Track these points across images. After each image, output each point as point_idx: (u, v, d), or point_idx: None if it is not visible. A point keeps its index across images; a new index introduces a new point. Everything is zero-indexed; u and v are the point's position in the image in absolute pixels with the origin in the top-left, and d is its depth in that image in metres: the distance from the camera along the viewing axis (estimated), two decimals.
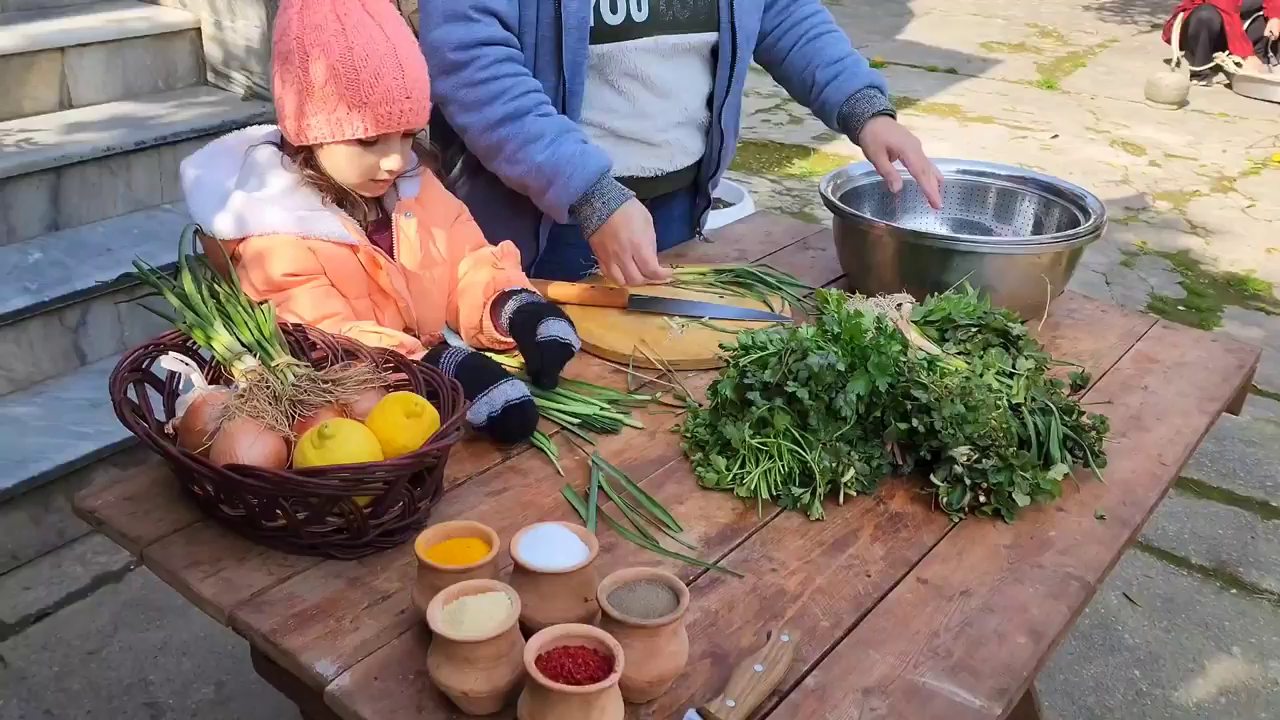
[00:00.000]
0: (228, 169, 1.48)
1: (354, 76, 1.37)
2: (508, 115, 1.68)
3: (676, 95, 1.87)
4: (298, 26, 1.39)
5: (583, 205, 1.70)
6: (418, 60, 1.44)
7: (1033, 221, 1.92)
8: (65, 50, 3.26)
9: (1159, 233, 4.98)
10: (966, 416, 1.30)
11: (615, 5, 1.74)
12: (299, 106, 1.41)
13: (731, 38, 1.87)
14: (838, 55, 1.97)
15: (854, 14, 9.22)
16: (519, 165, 1.70)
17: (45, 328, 2.75)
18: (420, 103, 1.44)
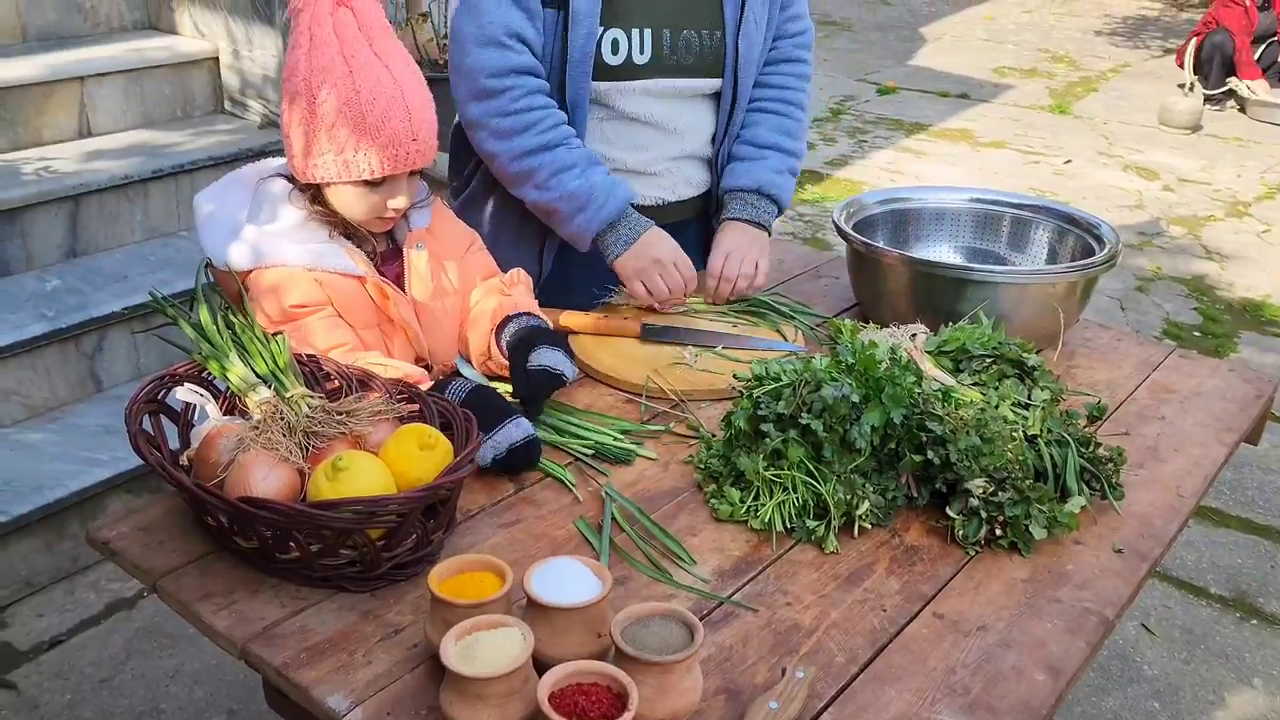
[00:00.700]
0: (240, 202, 1.49)
1: (361, 119, 1.38)
2: (541, 145, 1.72)
3: (678, 133, 1.88)
4: (305, 68, 1.40)
5: (608, 232, 1.77)
6: (425, 101, 1.45)
7: (1047, 250, 1.92)
8: (84, 80, 3.30)
9: (1173, 258, 4.96)
10: (982, 449, 1.29)
11: (617, 45, 1.75)
12: (306, 146, 1.42)
13: (734, 85, 1.87)
14: (759, 138, 1.92)
15: (865, 40, 9.26)
16: (550, 192, 1.74)
17: (62, 354, 2.76)
18: (427, 143, 1.45)
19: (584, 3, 1.69)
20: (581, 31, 1.70)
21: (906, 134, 6.68)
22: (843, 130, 6.72)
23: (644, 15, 1.76)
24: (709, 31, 1.81)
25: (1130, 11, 10.95)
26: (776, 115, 1.95)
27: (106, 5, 3.65)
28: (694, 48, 1.80)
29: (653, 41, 1.77)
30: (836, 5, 10.74)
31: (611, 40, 1.74)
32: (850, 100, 7.41)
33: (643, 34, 1.76)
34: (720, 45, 1.83)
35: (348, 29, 1.39)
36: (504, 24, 1.68)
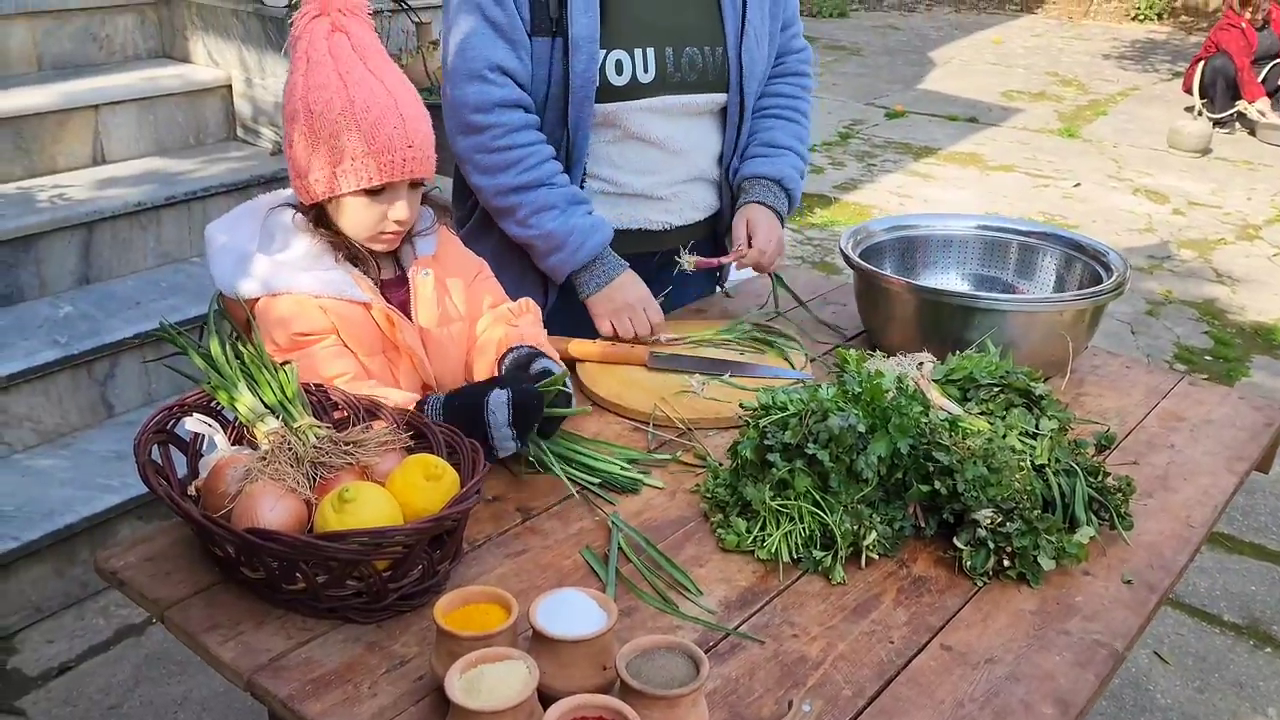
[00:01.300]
0: (250, 232, 1.51)
1: (355, 127, 1.42)
2: (523, 184, 1.75)
3: (685, 154, 1.89)
4: (302, 87, 1.44)
5: (582, 271, 1.81)
6: (420, 112, 1.48)
7: (1055, 277, 1.92)
8: (99, 108, 3.34)
9: (1184, 281, 4.95)
10: (989, 479, 1.29)
11: (620, 66, 1.77)
12: (307, 163, 1.45)
13: (740, 100, 1.89)
14: (775, 140, 1.97)
15: (874, 64, 9.31)
16: (529, 229, 1.78)
17: (74, 380, 2.78)
18: (423, 151, 1.47)
19: (583, 29, 1.71)
20: (583, 56, 1.72)
21: (915, 158, 6.70)
22: (851, 154, 6.74)
23: (645, 35, 1.78)
24: (711, 47, 1.83)
25: (1138, 35, 10.98)
26: (790, 122, 2.00)
27: (121, 34, 3.70)
28: (697, 64, 1.82)
29: (656, 60, 1.79)
30: (845, 30, 10.80)
31: (615, 61, 1.76)
32: (859, 124, 7.44)
33: (645, 53, 1.78)
34: (723, 60, 1.85)
35: (342, 50, 1.44)
36: (486, 58, 1.71)
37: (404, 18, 3.66)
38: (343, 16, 1.45)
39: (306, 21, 1.46)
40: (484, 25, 1.71)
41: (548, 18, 1.71)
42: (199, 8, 3.60)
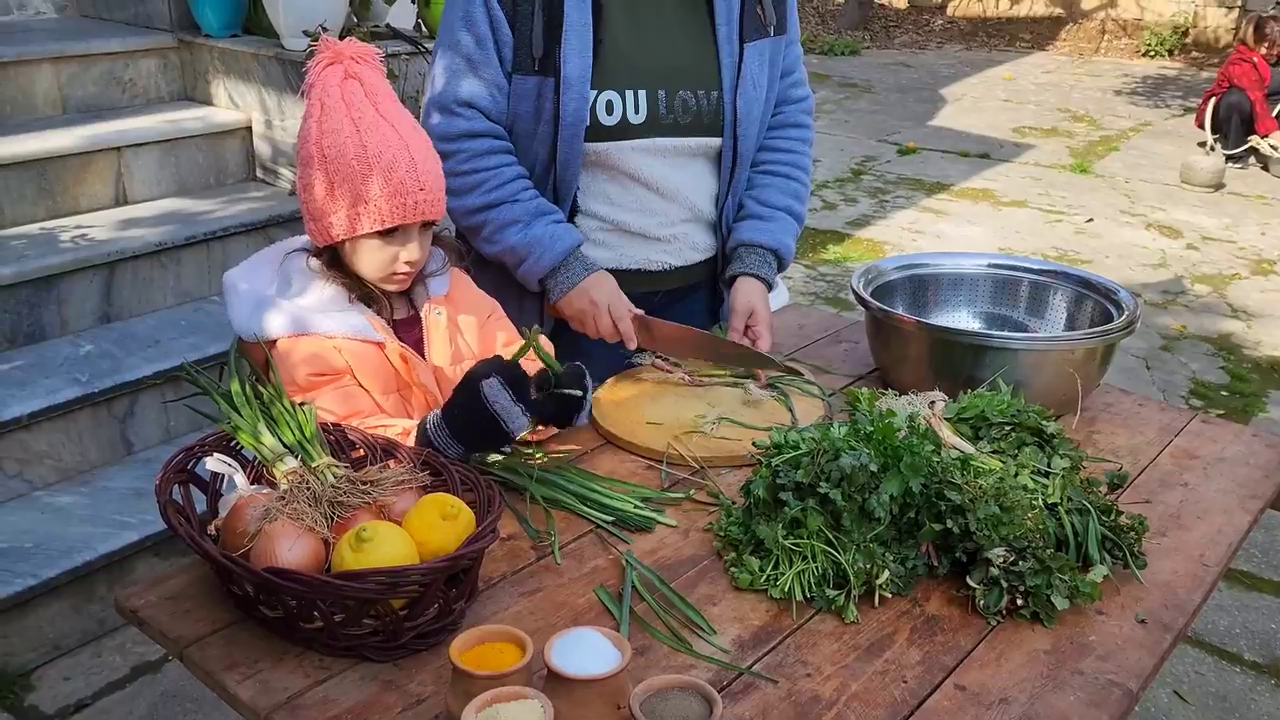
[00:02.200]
0: (267, 277, 1.55)
1: (369, 171, 1.46)
2: (486, 204, 1.81)
3: (680, 195, 1.90)
4: (316, 132, 1.49)
5: (549, 278, 1.84)
6: (430, 156, 1.53)
7: (1065, 316, 1.92)
8: (122, 150, 3.40)
9: (1199, 316, 4.94)
10: (1001, 518, 1.29)
11: (611, 107, 1.79)
12: (321, 206, 1.49)
13: (734, 145, 1.90)
14: (769, 199, 1.98)
15: (885, 102, 9.37)
16: (495, 245, 1.84)
17: (94, 418, 2.81)
18: (434, 194, 1.52)
19: (575, 70, 1.74)
20: (573, 96, 1.75)
21: (928, 194, 6.73)
22: (864, 190, 6.78)
23: (638, 77, 1.80)
24: (705, 92, 1.85)
25: (1150, 71, 11.03)
26: (785, 179, 2.01)
27: (145, 78, 3.77)
28: (691, 108, 1.84)
29: (648, 102, 1.81)
30: (857, 68, 10.89)
31: (606, 102, 1.79)
32: (871, 160, 7.48)
33: (637, 95, 1.80)
34: (718, 105, 1.86)
35: (355, 97, 1.49)
36: (455, 93, 1.78)
37: (420, 60, 3.72)
38: (355, 64, 1.50)
39: (320, 69, 1.51)
40: (460, 61, 1.78)
41: (530, 57, 1.75)
42: (221, 52, 3.68)
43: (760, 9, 1.87)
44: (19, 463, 2.69)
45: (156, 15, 3.83)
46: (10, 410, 2.63)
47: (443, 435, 1.46)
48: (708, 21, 1.86)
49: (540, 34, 1.73)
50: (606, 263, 1.88)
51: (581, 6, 1.73)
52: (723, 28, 1.85)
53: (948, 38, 12.78)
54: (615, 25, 1.77)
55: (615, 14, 1.78)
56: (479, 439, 1.48)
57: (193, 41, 3.74)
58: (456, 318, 1.64)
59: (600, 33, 1.75)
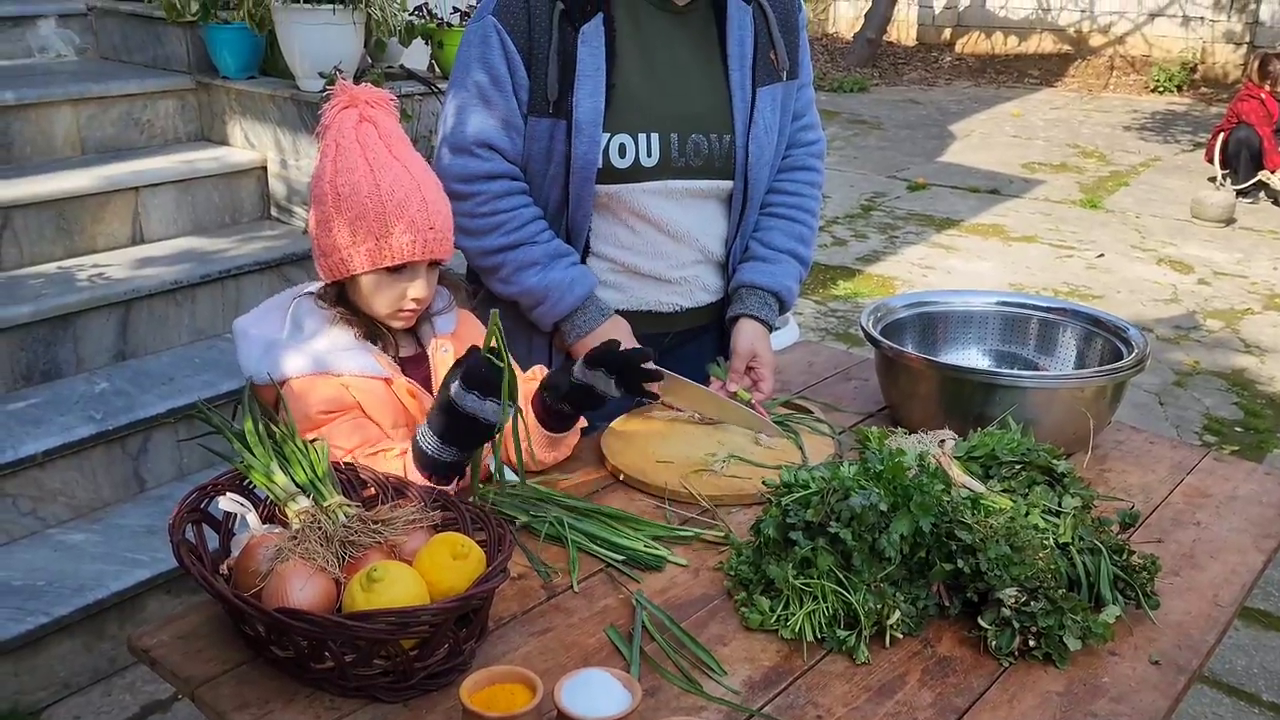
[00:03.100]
0: (277, 322, 1.58)
1: (381, 209, 1.50)
2: (504, 245, 1.82)
3: (690, 237, 1.91)
4: (331, 171, 1.53)
5: (565, 321, 1.85)
6: (440, 196, 1.57)
7: (1075, 353, 1.93)
8: (139, 190, 3.44)
9: (1211, 352, 4.92)
10: (1012, 558, 1.29)
11: (624, 150, 1.80)
12: (333, 242, 1.53)
13: (745, 187, 1.91)
14: (774, 242, 1.99)
15: (895, 138, 9.43)
16: (512, 286, 1.85)
17: (108, 455, 2.83)
18: (443, 233, 1.56)
19: (586, 114, 1.76)
20: (584, 139, 1.77)
21: (938, 229, 6.75)
22: (874, 226, 6.80)
23: (650, 121, 1.82)
24: (718, 135, 1.86)
25: (1158, 107, 11.08)
26: (791, 221, 2.01)
27: (162, 119, 3.83)
28: (703, 151, 1.85)
29: (660, 145, 1.82)
30: (866, 105, 10.97)
31: (619, 145, 1.80)
32: (881, 196, 7.52)
33: (649, 138, 1.81)
34: (730, 149, 1.87)
35: (370, 139, 1.53)
36: (474, 135, 1.79)
37: (434, 100, 3.77)
38: (370, 108, 1.55)
39: (336, 112, 1.55)
40: (477, 102, 1.79)
41: (545, 100, 1.77)
42: (237, 93, 3.73)
43: (773, 54, 1.89)
44: (33, 500, 2.70)
45: (175, 58, 3.89)
46: (26, 448, 2.65)
47: (433, 443, 1.46)
48: (721, 66, 1.87)
49: (555, 77, 1.75)
50: (617, 304, 1.90)
51: (595, 51, 1.76)
52: (735, 72, 1.87)
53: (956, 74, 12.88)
54: (629, 69, 1.80)
55: (629, 58, 1.80)
56: (466, 438, 1.47)
57: (210, 83, 3.80)
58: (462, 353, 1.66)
59: (614, 77, 1.77)
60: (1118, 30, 12.86)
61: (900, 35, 14.10)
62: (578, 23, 1.74)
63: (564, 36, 1.75)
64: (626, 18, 1.80)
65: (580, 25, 1.74)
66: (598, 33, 1.75)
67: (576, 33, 1.75)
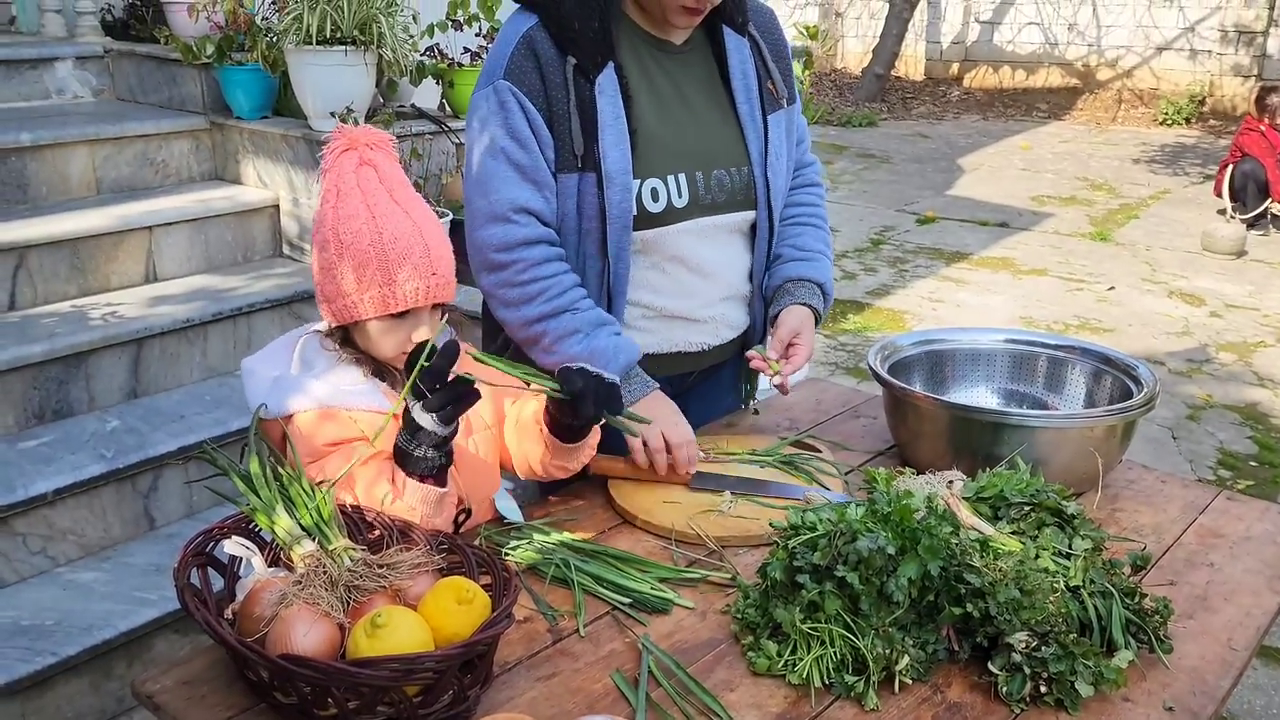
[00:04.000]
0: (284, 360, 1.59)
1: (384, 258, 1.50)
2: (546, 314, 1.78)
3: (719, 273, 1.93)
4: (333, 218, 1.53)
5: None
6: (443, 241, 1.56)
7: (1084, 392, 1.92)
8: (153, 229, 3.47)
9: (1224, 385, 4.89)
10: (1022, 601, 1.28)
11: (656, 194, 1.82)
12: (338, 289, 1.53)
13: (769, 216, 1.95)
14: (806, 245, 2.03)
15: (903, 172, 9.46)
16: (554, 355, 1.79)
17: (118, 493, 2.83)
18: (445, 278, 1.55)
19: (615, 163, 1.77)
20: (617, 188, 1.77)
21: (947, 263, 6.75)
22: (883, 260, 6.81)
23: (676, 162, 1.84)
24: (737, 168, 1.90)
25: (1167, 140, 11.10)
26: (815, 228, 2.07)
27: (176, 159, 3.87)
28: (726, 185, 1.88)
29: (688, 184, 1.84)
30: (875, 139, 11.02)
31: (650, 190, 1.81)
32: (890, 230, 7.53)
33: (678, 179, 1.84)
34: (750, 180, 1.91)
35: (370, 183, 1.53)
36: (510, 201, 1.76)
37: (445, 139, 3.81)
38: (370, 150, 1.55)
39: (336, 155, 1.55)
40: (507, 168, 1.76)
41: (572, 154, 1.77)
42: (251, 133, 3.77)
43: (772, 83, 1.94)
44: (43, 539, 2.70)
45: (190, 99, 3.94)
46: (36, 486, 2.66)
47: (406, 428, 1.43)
48: (727, 100, 1.91)
49: (578, 131, 1.76)
50: (648, 347, 1.89)
51: (613, 100, 1.77)
52: (743, 105, 1.90)
53: (964, 108, 12.94)
54: (646, 114, 1.82)
55: (644, 103, 1.82)
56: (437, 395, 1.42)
57: (224, 123, 3.84)
58: None
59: (634, 123, 1.78)
60: (1125, 64, 12.93)
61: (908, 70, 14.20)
62: (591, 75, 1.75)
63: (580, 90, 1.75)
64: (634, 64, 1.82)
65: (594, 77, 1.76)
66: (612, 82, 1.77)
67: (592, 85, 1.76)
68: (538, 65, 1.75)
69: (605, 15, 1.77)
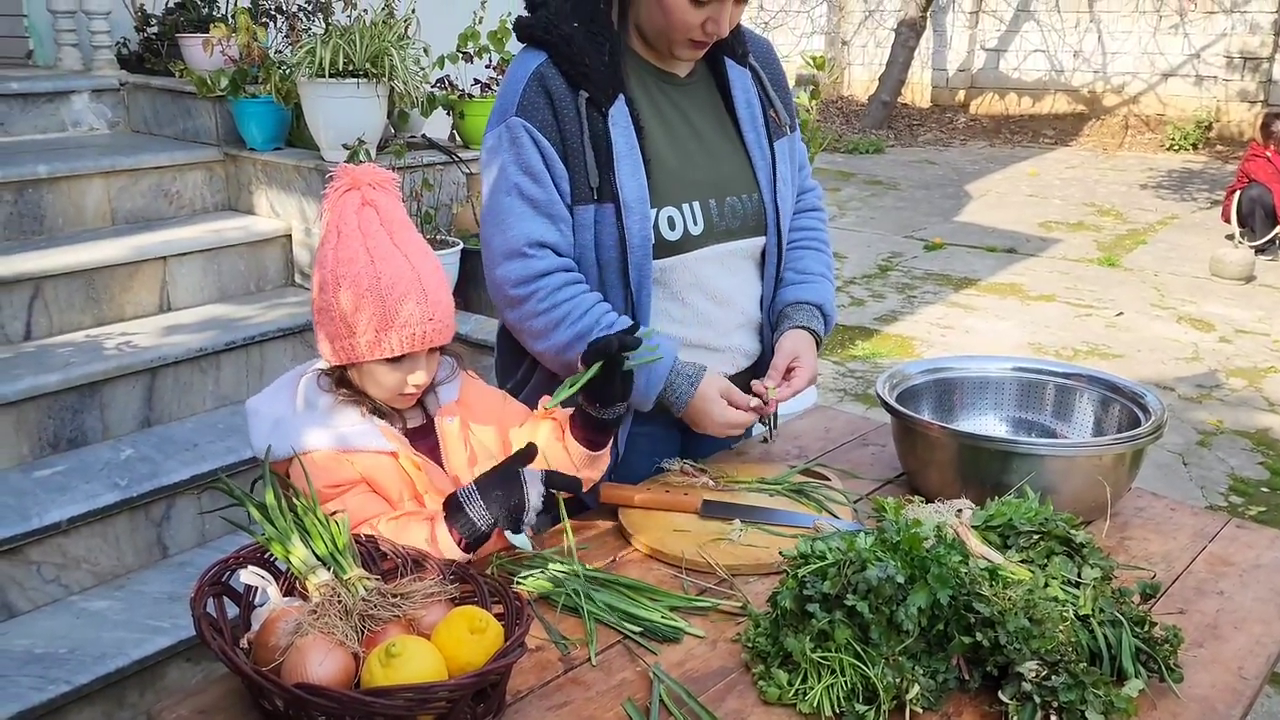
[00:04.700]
0: (286, 400, 1.61)
1: (381, 303, 1.51)
2: (576, 336, 1.79)
3: (734, 301, 1.97)
4: (333, 260, 1.54)
5: (667, 391, 1.84)
6: (440, 284, 1.57)
7: (1093, 419, 1.93)
8: (167, 259, 3.51)
9: (1235, 411, 4.89)
10: (1032, 630, 1.28)
11: (673, 222, 1.85)
12: (335, 331, 1.55)
13: (778, 241, 1.99)
14: (806, 267, 2.05)
15: (911, 198, 9.50)
16: None
17: (131, 522, 2.85)
18: (442, 323, 1.56)
19: (632, 192, 1.80)
20: (635, 218, 1.80)
21: (955, 289, 6.77)
22: (891, 286, 6.83)
23: (690, 190, 1.87)
24: (748, 195, 1.94)
25: (1174, 165, 11.13)
26: (816, 251, 2.09)
27: (190, 190, 3.92)
28: (738, 211, 1.92)
29: (703, 212, 1.88)
30: (882, 166, 11.07)
31: (667, 218, 1.84)
32: (898, 256, 7.56)
33: (693, 207, 1.87)
34: (760, 206, 1.95)
35: (371, 224, 1.54)
36: (525, 235, 1.78)
37: (455, 169, 3.85)
38: (372, 190, 1.56)
39: (339, 195, 1.57)
40: (522, 204, 1.78)
41: (588, 186, 1.79)
42: (264, 164, 3.82)
43: (775, 111, 1.99)
44: (57, 568, 2.72)
45: (204, 131, 4.00)
46: (51, 515, 2.68)
47: (476, 506, 1.50)
48: (733, 129, 1.95)
49: (594, 162, 1.78)
50: None
51: (626, 131, 1.80)
52: (750, 133, 1.95)
53: (971, 135, 13.00)
54: (658, 144, 1.85)
55: (655, 134, 1.85)
56: (505, 517, 1.51)
57: (237, 155, 3.89)
58: (469, 420, 1.68)
59: (647, 154, 1.82)
60: (1131, 90, 12.98)
61: (915, 97, 14.28)
62: (604, 107, 1.79)
63: (593, 123, 1.78)
64: (643, 96, 1.85)
65: (607, 109, 1.79)
66: (623, 114, 1.80)
67: (605, 117, 1.79)
68: (550, 100, 1.78)
69: (613, 50, 1.81)
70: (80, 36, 4.50)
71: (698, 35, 1.79)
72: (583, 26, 1.80)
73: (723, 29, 1.80)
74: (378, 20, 3.60)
